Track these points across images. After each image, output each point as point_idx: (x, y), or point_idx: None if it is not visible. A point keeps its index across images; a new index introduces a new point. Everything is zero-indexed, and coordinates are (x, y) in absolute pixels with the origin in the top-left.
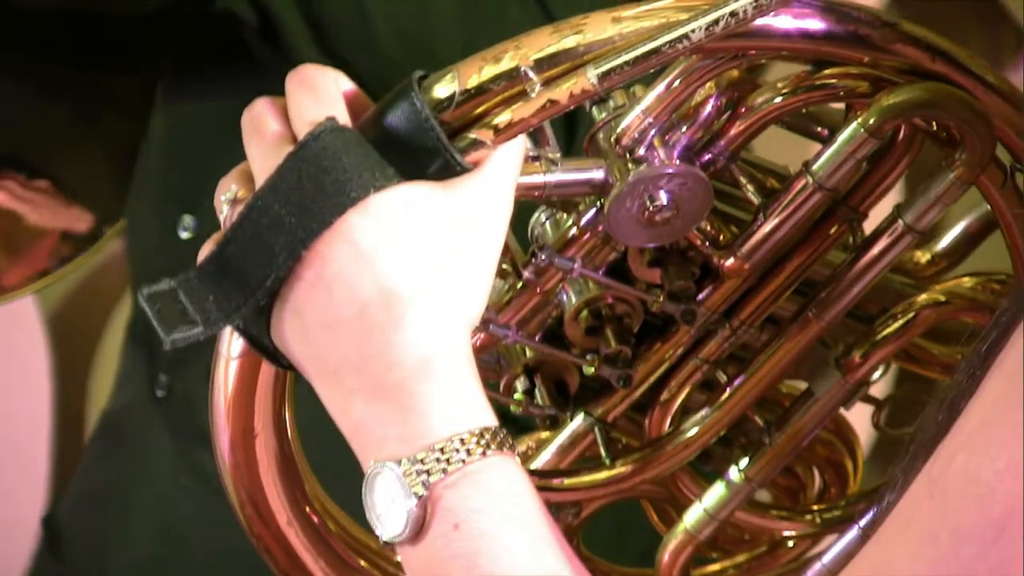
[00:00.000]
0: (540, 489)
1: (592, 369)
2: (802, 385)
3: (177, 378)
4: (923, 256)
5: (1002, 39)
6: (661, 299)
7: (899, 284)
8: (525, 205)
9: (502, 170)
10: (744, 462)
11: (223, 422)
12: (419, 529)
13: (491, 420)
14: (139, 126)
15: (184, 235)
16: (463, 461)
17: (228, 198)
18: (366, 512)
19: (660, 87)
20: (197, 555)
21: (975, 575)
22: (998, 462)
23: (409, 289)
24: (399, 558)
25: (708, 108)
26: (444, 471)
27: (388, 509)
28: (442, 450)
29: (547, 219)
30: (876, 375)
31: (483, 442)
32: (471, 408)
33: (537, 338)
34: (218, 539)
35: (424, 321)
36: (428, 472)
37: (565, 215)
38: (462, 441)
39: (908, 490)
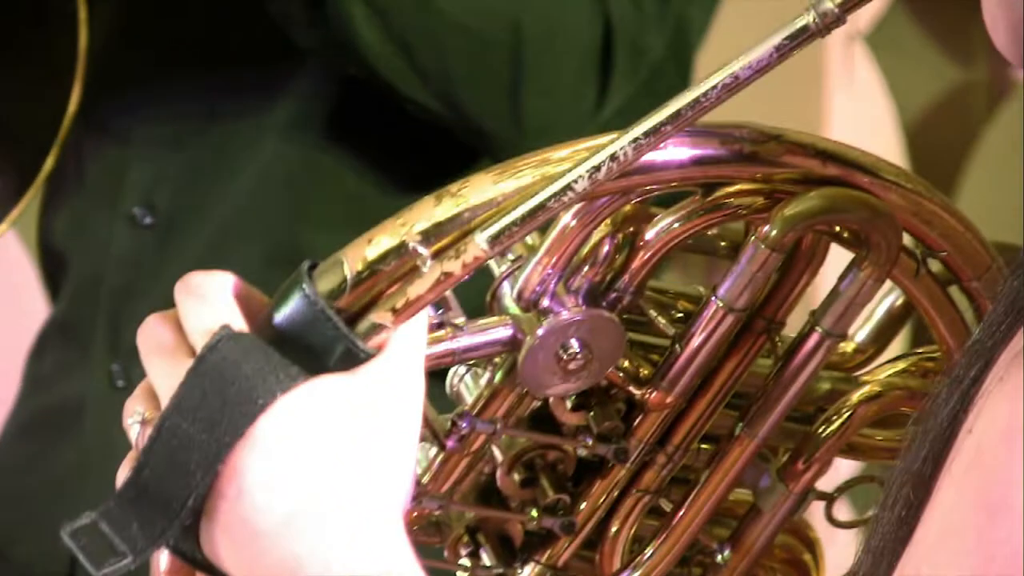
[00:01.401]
0: None
1: (534, 522)
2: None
3: (132, 368)
4: (848, 346)
5: None
6: (591, 443)
7: (829, 380)
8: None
9: (406, 349)
10: None
11: None
12: None
13: None
14: None
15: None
16: None
17: (135, 420)
18: None
19: (554, 234)
20: None
21: None
22: (964, 572)
23: (329, 489)
24: None
25: (606, 247)
26: None
27: None
28: None
29: (466, 372)
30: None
31: None
32: None
33: (472, 500)
34: None
35: (349, 519)
36: None
37: (481, 369)
38: None
39: None
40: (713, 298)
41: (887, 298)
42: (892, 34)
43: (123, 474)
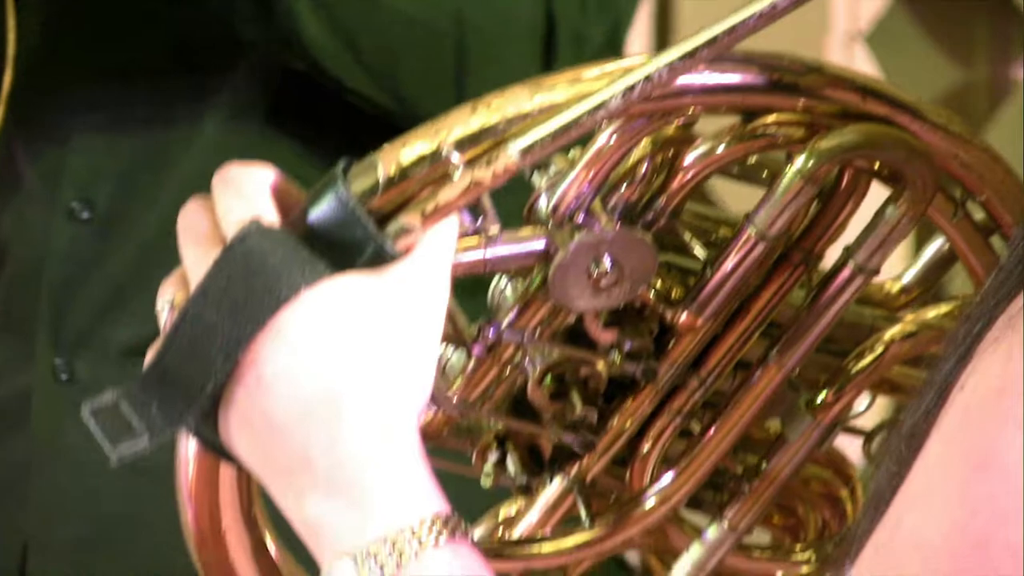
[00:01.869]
0: (523, 558)
1: (557, 435)
2: None
3: (75, 361)
4: (894, 286)
5: (1010, 34)
6: (618, 361)
7: (871, 317)
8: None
9: (434, 253)
10: (727, 510)
11: (191, 522)
12: None
13: (442, 507)
14: None
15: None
16: (415, 553)
17: (165, 303)
18: None
19: (593, 150)
20: (126, 535)
21: None
22: (945, 524)
23: (349, 384)
24: None
25: (645, 167)
26: (397, 564)
27: None
28: (394, 543)
29: (507, 284)
30: (862, 407)
31: (435, 530)
32: (420, 497)
33: (503, 410)
34: (149, 518)
35: (368, 414)
36: (382, 566)
37: (522, 281)
38: (413, 532)
39: (862, 552)
40: (746, 225)
41: (936, 240)
42: (892, 34)
43: (149, 356)
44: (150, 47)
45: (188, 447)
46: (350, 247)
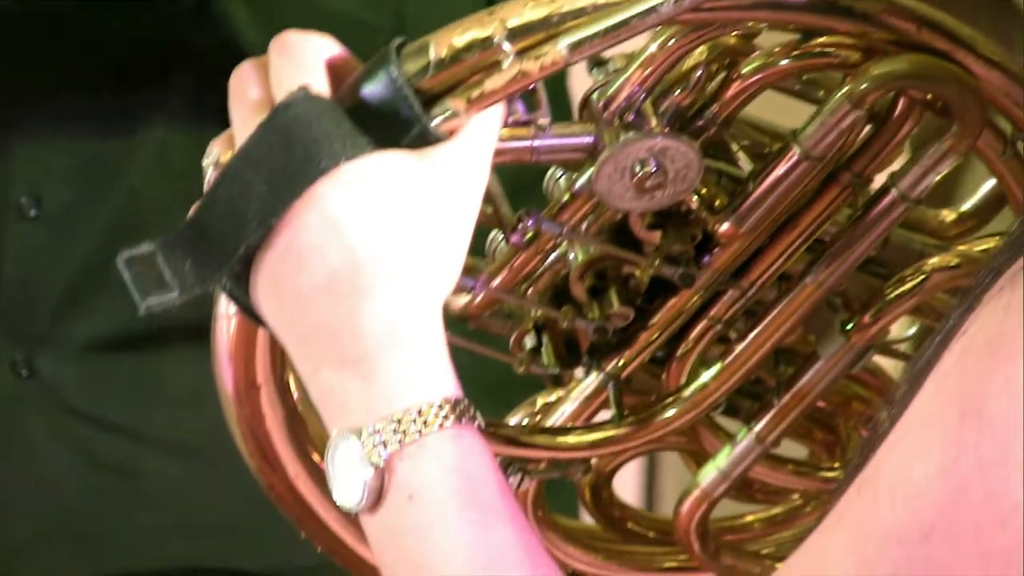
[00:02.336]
0: (548, 447)
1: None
2: None
3: (35, 357)
4: (949, 216)
5: (1010, 34)
6: (658, 262)
7: (922, 245)
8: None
9: (477, 138)
10: (756, 421)
11: (227, 376)
12: (376, 499)
13: (453, 391)
14: None
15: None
16: (419, 432)
17: (211, 162)
18: (328, 479)
19: (649, 51)
20: (88, 529)
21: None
22: (929, 466)
23: (378, 259)
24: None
25: (700, 73)
26: (400, 442)
27: (347, 478)
28: (399, 421)
29: (561, 175)
30: (910, 331)
31: (442, 414)
32: (433, 379)
33: (543, 300)
34: (109, 512)
35: (392, 292)
36: (385, 443)
37: (574, 175)
38: (419, 412)
39: (849, 486)
40: (792, 142)
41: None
42: None
43: (190, 212)
44: (97, 51)
45: (227, 303)
46: (396, 125)
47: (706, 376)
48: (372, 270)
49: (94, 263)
